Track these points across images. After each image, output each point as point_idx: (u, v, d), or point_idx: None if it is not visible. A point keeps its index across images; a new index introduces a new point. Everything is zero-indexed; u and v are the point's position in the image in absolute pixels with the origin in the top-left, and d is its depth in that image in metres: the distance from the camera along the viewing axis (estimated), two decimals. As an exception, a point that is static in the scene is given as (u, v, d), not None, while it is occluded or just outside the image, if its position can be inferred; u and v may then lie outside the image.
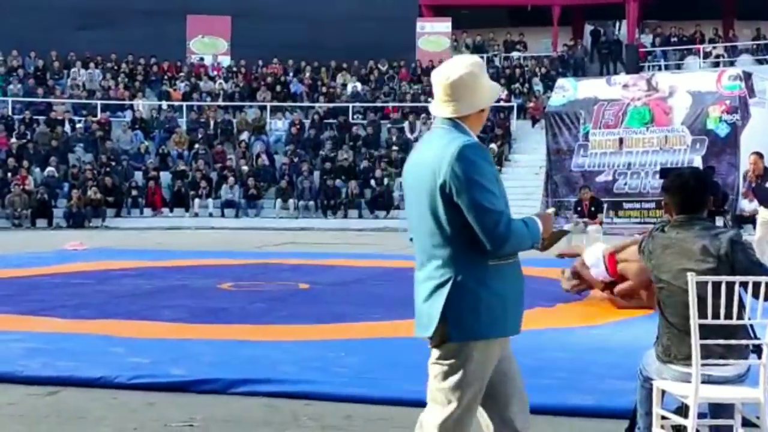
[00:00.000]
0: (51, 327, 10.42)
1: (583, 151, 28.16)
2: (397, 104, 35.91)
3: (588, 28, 43.06)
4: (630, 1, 39.58)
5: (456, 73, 4.36)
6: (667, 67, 37.45)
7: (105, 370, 7.96)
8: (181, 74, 37.88)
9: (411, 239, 4.45)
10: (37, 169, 31.38)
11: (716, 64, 35.84)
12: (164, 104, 35.92)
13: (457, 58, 4.49)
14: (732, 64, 34.91)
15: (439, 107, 4.40)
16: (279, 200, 30.87)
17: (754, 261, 5.28)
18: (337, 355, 8.79)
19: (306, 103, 36.53)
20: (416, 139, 33.05)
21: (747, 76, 27.52)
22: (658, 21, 42.04)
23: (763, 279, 5.01)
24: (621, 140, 27.56)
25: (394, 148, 32.84)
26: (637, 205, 27.13)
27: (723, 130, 26.43)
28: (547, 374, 8.06)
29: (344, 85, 37.42)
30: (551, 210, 4.83)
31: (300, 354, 8.85)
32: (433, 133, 4.40)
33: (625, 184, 27.39)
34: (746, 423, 5.27)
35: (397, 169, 31.54)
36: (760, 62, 37.37)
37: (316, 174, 31.85)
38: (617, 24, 43.66)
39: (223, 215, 30.73)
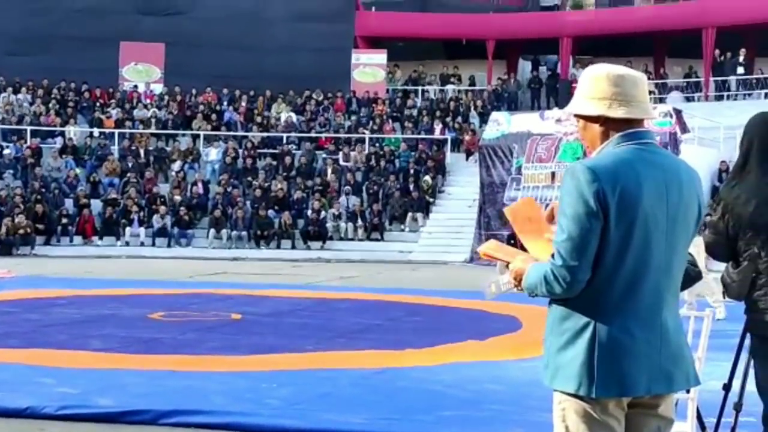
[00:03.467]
0: (-23, 356, 10.25)
1: (515, 185, 28.30)
2: (332, 135, 35.93)
3: (523, 62, 43.48)
4: (564, 37, 40.00)
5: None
6: (599, 103, 37.81)
7: (33, 401, 7.84)
8: (113, 101, 37.57)
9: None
10: (-35, 195, 30.94)
11: (646, 101, 36.28)
12: (96, 131, 35.61)
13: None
14: (662, 101, 35.40)
15: (649, 107, 3.80)
16: (212, 230, 30.65)
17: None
18: (269, 387, 8.75)
19: (240, 133, 36.41)
20: (351, 170, 33.12)
21: (677, 113, 27.87)
22: (591, 57, 42.52)
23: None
24: (553, 174, 27.70)
25: (329, 178, 32.82)
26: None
27: (654, 166, 26.70)
28: (482, 407, 8.13)
29: (278, 116, 37.34)
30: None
31: (232, 385, 8.79)
32: (651, 145, 3.71)
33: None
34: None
35: (329, 200, 31.58)
36: (689, 99, 38.01)
37: (249, 203, 31.69)
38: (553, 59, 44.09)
39: (154, 244, 30.46)
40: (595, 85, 3.73)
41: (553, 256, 3.59)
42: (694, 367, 3.76)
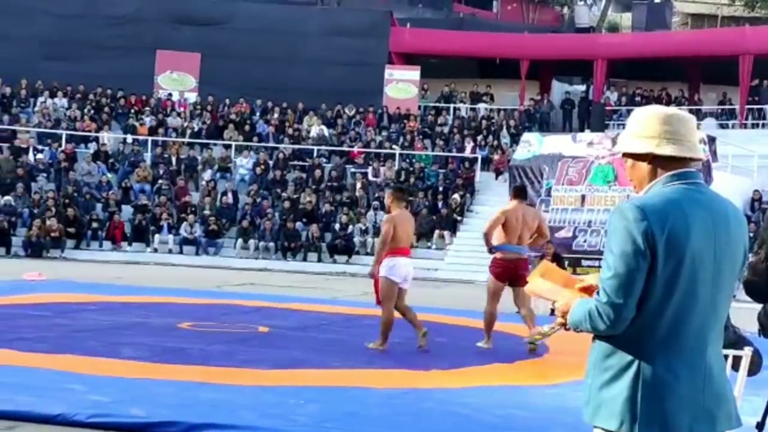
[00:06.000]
0: (8, 360, 10.34)
1: (544, 206, 28.19)
2: (362, 149, 36.03)
3: (556, 83, 43.44)
4: (598, 60, 39.94)
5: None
6: (631, 127, 37.77)
7: (64, 407, 7.92)
8: (147, 108, 37.82)
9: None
10: (-2, 196, 31.16)
11: (680, 127, 36.18)
12: (129, 138, 35.82)
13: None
14: (696, 127, 35.31)
15: (698, 148, 3.88)
16: (239, 240, 30.81)
17: (740, 336, 5.41)
18: (297, 403, 8.80)
19: (271, 144, 36.56)
20: (380, 185, 33.20)
21: (711, 140, 27.78)
22: (625, 80, 42.50)
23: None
24: (583, 197, 27.65)
25: (358, 193, 32.92)
26: (596, 263, 27.13)
27: (686, 194, 26.60)
28: (506, 432, 8.16)
29: (309, 129, 37.44)
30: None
31: (260, 399, 8.86)
32: (699, 185, 3.77)
33: (585, 241, 27.43)
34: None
35: (356, 214, 31.65)
36: (723, 126, 37.89)
37: (278, 215, 31.83)
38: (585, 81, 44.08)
39: (182, 252, 30.63)
40: (644, 124, 3.80)
41: (598, 292, 3.63)
42: (736, 407, 3.78)
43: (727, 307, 3.76)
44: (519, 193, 14.06)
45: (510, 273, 13.30)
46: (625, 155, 3.87)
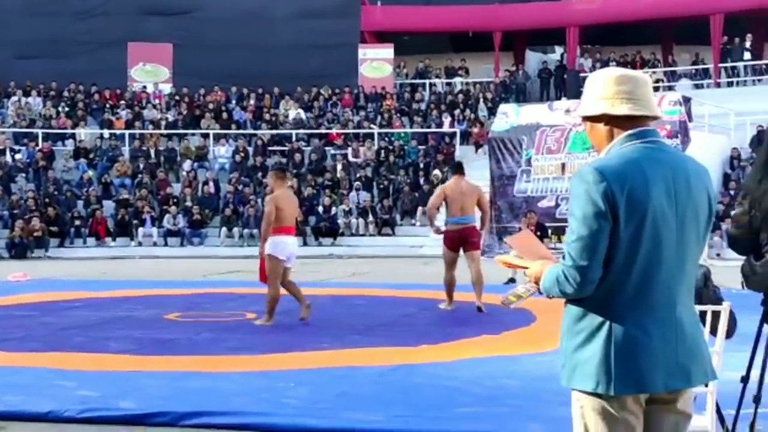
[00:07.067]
0: (-3, 361, 10.35)
1: (525, 177, 28.23)
2: (340, 130, 35.98)
3: (530, 53, 43.45)
4: (571, 27, 39.98)
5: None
6: (607, 92, 37.84)
7: (54, 404, 7.93)
8: (123, 102, 37.67)
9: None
10: (-22, 200, 31.06)
11: (656, 89, 36.17)
12: (106, 132, 35.70)
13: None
14: (671, 88, 35.38)
15: (654, 106, 3.88)
16: (224, 228, 30.78)
17: (718, 297, 5.42)
18: (286, 386, 8.82)
19: (249, 131, 36.49)
20: (361, 166, 33.20)
21: (686, 101, 27.83)
22: (599, 46, 42.55)
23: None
24: (563, 165, 27.62)
25: (339, 174, 32.90)
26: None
27: (664, 155, 26.69)
28: (500, 402, 8.18)
29: (287, 113, 37.38)
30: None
31: (250, 385, 8.87)
32: (657, 143, 3.81)
33: (567, 209, 27.45)
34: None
35: (339, 196, 31.64)
36: (698, 86, 37.97)
37: (260, 201, 31.78)
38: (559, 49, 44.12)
39: (167, 244, 30.58)
40: (598, 86, 3.84)
41: (564, 257, 3.66)
42: (711, 361, 3.82)
43: (696, 263, 3.79)
44: (457, 169, 16.09)
45: (459, 241, 14.87)
46: (584, 119, 3.89)
